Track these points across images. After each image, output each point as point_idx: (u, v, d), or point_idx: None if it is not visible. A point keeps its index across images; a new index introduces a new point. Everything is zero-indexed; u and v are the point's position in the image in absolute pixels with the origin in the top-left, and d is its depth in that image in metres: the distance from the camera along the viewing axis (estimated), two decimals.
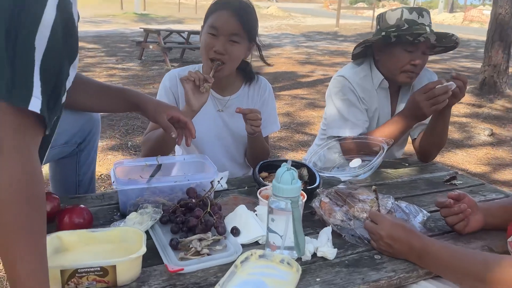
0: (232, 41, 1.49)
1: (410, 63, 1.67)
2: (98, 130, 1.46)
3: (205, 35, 1.51)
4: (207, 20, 1.52)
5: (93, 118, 1.43)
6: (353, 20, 24.51)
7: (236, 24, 1.48)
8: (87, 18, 18.69)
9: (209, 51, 1.50)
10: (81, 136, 1.40)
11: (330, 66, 9.34)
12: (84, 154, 1.42)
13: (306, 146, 4.23)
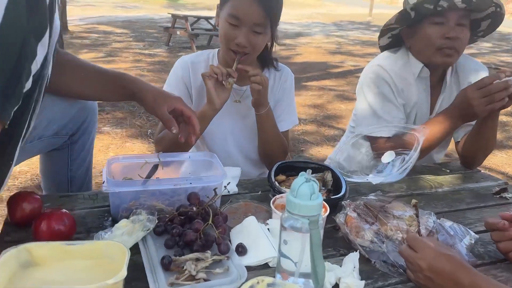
0: (255, 31, 1.31)
1: (443, 37, 1.43)
2: (94, 119, 1.31)
3: (225, 23, 1.32)
4: (225, 3, 1.33)
5: (87, 106, 1.27)
6: (387, 10, 23.71)
7: (260, 13, 1.29)
8: (118, 3, 18.80)
9: (230, 42, 1.33)
10: (73, 127, 1.25)
11: (361, 57, 8.99)
12: (77, 147, 1.27)
13: (332, 141, 4.01)
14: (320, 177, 1.25)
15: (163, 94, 1.11)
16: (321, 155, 3.68)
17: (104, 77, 1.12)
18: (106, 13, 14.68)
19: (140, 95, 1.09)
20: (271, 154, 1.52)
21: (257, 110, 1.41)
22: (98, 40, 9.22)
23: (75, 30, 10.02)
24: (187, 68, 1.47)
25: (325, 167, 1.29)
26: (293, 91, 1.59)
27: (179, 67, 1.48)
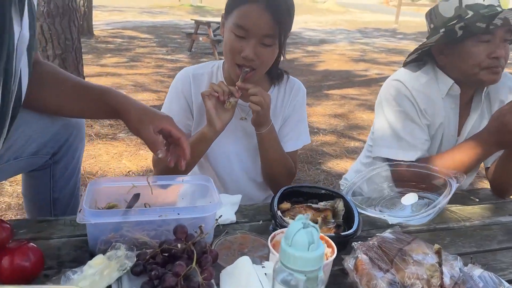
0: (264, 44, 1.18)
1: (490, 57, 1.30)
2: (79, 137, 1.20)
3: (230, 34, 1.19)
4: (231, 13, 1.20)
5: (71, 123, 1.17)
6: (413, 18, 23.26)
7: (270, 23, 1.15)
8: (145, 8, 19.07)
9: (236, 55, 1.20)
10: (55, 145, 1.15)
11: (386, 65, 8.75)
12: (60, 167, 1.17)
13: (353, 154, 3.84)
14: (331, 206, 1.11)
15: (150, 112, 0.99)
16: (340, 168, 3.52)
17: (85, 92, 1.02)
18: (132, 18, 14.87)
19: (124, 114, 0.97)
20: (274, 177, 1.39)
21: (257, 129, 1.29)
22: (122, 45, 9.29)
23: (100, 35, 10.15)
24: (188, 81, 1.35)
25: (337, 194, 1.14)
26: (305, 107, 1.45)
27: (180, 80, 1.37)
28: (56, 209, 1.20)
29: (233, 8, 1.19)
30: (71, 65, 3.83)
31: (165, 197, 1.04)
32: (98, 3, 18.14)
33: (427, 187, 1.20)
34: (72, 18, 3.72)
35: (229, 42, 1.20)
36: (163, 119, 0.99)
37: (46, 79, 1.01)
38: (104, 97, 1.00)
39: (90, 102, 1.02)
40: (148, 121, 0.96)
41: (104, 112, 1.01)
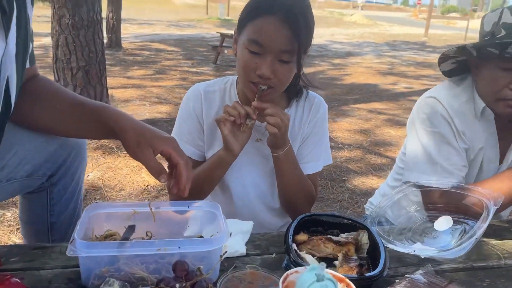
0: (282, 60, 1.07)
1: (509, 87, 1.17)
2: (80, 157, 1.13)
3: (244, 50, 1.09)
4: (244, 27, 1.09)
5: (69, 143, 1.09)
6: (443, 31, 22.82)
7: (289, 37, 1.04)
8: (173, 22, 19.43)
9: (250, 73, 1.09)
10: (52, 167, 1.08)
11: (415, 79, 8.52)
12: (57, 189, 1.10)
13: (379, 171, 3.67)
14: (354, 239, 0.99)
15: (148, 133, 0.90)
16: (366, 186, 3.36)
17: (81, 110, 0.95)
18: (160, 31, 15.15)
19: (120, 135, 0.89)
20: (291, 202, 1.28)
21: (273, 150, 1.19)
22: (149, 57, 9.43)
23: (128, 47, 10.33)
24: (199, 98, 1.26)
25: (361, 225, 1.02)
26: (326, 124, 1.34)
27: (191, 97, 1.28)
28: (54, 234, 1.13)
29: (246, 22, 1.09)
30: (94, 77, 3.85)
31: (169, 224, 0.95)
32: (128, 16, 18.61)
33: (460, 209, 1.07)
34: (97, 31, 3.75)
35: (243, 59, 1.10)
36: (163, 140, 0.89)
37: (40, 96, 0.95)
38: (100, 116, 0.92)
39: (87, 121, 0.94)
40: (147, 142, 0.87)
41: (101, 131, 0.93)
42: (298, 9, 1.05)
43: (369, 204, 1.67)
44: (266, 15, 1.04)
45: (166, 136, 0.92)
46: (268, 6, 1.04)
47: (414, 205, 1.15)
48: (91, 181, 3.09)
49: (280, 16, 1.03)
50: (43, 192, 1.09)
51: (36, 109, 0.94)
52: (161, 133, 0.92)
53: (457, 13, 41.92)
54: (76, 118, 0.95)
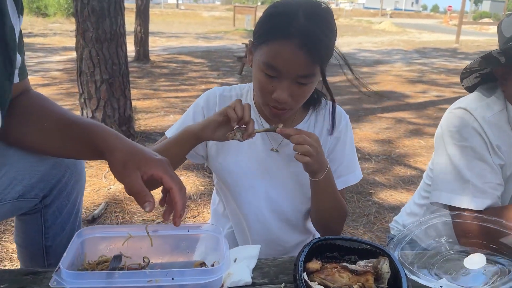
0: (299, 83, 1.00)
1: None
2: (77, 177, 1.07)
3: (259, 71, 1.02)
4: (259, 46, 1.01)
5: (63, 162, 1.03)
6: (475, 37, 22.13)
7: (307, 61, 0.96)
8: (201, 34, 19.69)
9: (266, 96, 1.03)
10: (45, 187, 1.02)
11: (446, 87, 8.22)
12: (52, 211, 1.04)
13: (408, 184, 3.50)
14: (373, 267, 0.88)
15: (138, 154, 0.81)
16: (394, 200, 3.20)
17: (69, 128, 0.88)
18: (188, 43, 15.35)
19: (107, 154, 0.82)
20: (325, 222, 1.20)
21: (312, 176, 1.09)
22: (176, 69, 9.53)
23: (156, 60, 10.49)
24: (214, 100, 1.20)
25: (381, 250, 0.92)
26: (352, 136, 1.24)
27: (205, 97, 1.21)
28: (50, 258, 1.07)
29: (262, 42, 1.01)
30: (117, 90, 3.86)
31: (168, 250, 0.87)
32: (157, 29, 19.02)
33: (498, 248, 0.94)
34: (120, 44, 3.77)
35: (259, 80, 1.03)
36: (154, 162, 0.81)
37: (29, 113, 0.90)
38: (88, 134, 0.85)
39: (74, 140, 0.88)
40: (134, 165, 0.78)
41: (89, 151, 0.86)
42: (317, 29, 0.96)
43: (394, 223, 1.54)
44: (283, 39, 0.96)
45: (157, 158, 0.83)
46: (284, 30, 0.95)
47: (446, 236, 1.02)
48: (112, 193, 3.08)
49: (297, 41, 0.94)
50: (37, 214, 1.04)
51: (24, 127, 0.89)
52: (152, 155, 0.83)
53: (490, 18, 40.65)
54: (63, 137, 0.89)
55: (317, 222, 1.23)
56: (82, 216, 2.63)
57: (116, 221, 2.70)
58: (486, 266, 0.89)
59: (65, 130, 0.89)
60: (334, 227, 1.19)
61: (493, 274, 0.84)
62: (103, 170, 3.44)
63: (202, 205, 2.97)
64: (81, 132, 0.86)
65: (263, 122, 1.18)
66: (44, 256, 1.07)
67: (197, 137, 1.05)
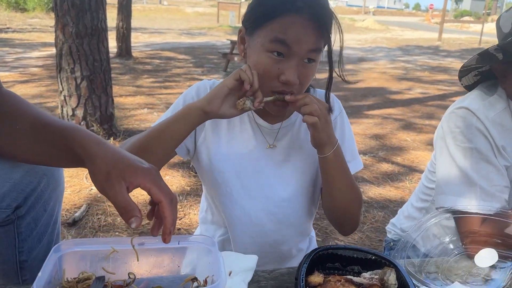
0: (309, 59, 0.96)
1: None
2: (52, 186, 0.97)
3: (263, 54, 0.95)
4: (261, 27, 0.96)
5: (38, 170, 0.93)
6: (457, 35, 22.47)
7: (316, 36, 0.94)
8: (184, 30, 19.47)
9: (273, 81, 0.97)
10: (18, 197, 0.92)
11: (430, 84, 8.29)
12: (26, 223, 0.94)
13: (397, 182, 3.48)
14: (379, 279, 0.82)
15: (123, 163, 0.71)
16: (383, 198, 3.17)
17: (44, 132, 0.79)
18: (171, 39, 15.14)
19: (87, 163, 0.72)
20: (343, 208, 1.09)
21: (320, 151, 1.02)
22: (159, 66, 9.37)
23: (138, 56, 10.30)
24: (205, 92, 1.10)
25: (386, 261, 0.85)
26: (347, 120, 1.17)
27: (196, 88, 1.13)
28: (24, 273, 0.97)
29: (264, 21, 0.95)
30: (99, 87, 3.73)
31: (155, 263, 0.79)
32: (139, 25, 18.71)
33: (504, 243, 0.89)
34: (101, 39, 3.64)
35: (262, 64, 0.96)
36: (141, 171, 0.71)
37: (0, 114, 0.80)
38: (66, 139, 0.74)
39: (50, 144, 0.78)
40: (119, 174, 0.68)
41: (67, 158, 0.76)
42: (323, 2, 0.96)
43: (391, 226, 1.49)
44: (291, 13, 0.93)
45: (144, 166, 0.72)
46: (291, 3, 0.92)
47: (449, 234, 0.97)
48: (93, 195, 2.96)
49: (307, 15, 0.92)
50: (10, 226, 0.94)
51: None
52: (139, 163, 0.73)
53: (470, 17, 41.33)
54: (37, 141, 0.79)
55: (332, 210, 1.13)
56: (62, 219, 2.50)
57: (98, 223, 2.60)
58: (499, 262, 0.83)
59: (39, 134, 0.79)
60: (351, 212, 1.09)
61: (510, 271, 0.79)
62: (84, 170, 3.31)
63: (188, 206, 2.88)
64: (57, 136, 0.76)
65: (255, 116, 1.11)
66: (18, 272, 0.97)
67: (203, 112, 0.96)
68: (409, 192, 3.31)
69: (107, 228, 2.54)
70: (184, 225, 2.64)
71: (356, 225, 1.14)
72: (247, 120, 1.12)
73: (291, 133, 1.13)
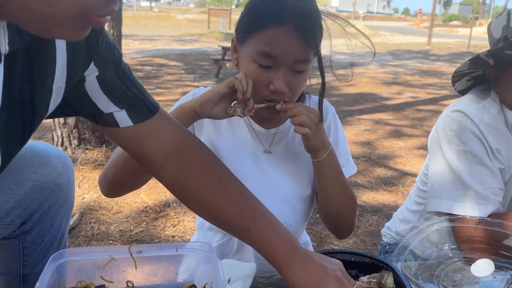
0: (295, 71, 0.96)
1: None
2: (60, 202, 0.97)
3: (252, 64, 0.96)
4: (249, 38, 0.97)
5: (45, 186, 0.93)
6: (446, 39, 22.75)
7: (303, 47, 0.94)
8: (176, 37, 19.47)
9: (262, 89, 0.98)
10: (23, 213, 0.91)
11: (420, 88, 8.36)
12: (31, 238, 0.94)
13: (390, 185, 3.50)
14: (377, 283, 0.82)
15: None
16: (376, 202, 3.18)
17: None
18: (162, 46, 15.13)
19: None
20: (337, 212, 1.10)
21: (314, 156, 1.03)
22: (151, 72, 9.35)
23: (130, 63, 10.20)
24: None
25: (384, 264, 0.86)
26: (340, 125, 1.19)
27: (191, 95, 1.13)
28: (27, 287, 0.96)
29: (251, 32, 0.96)
30: None
31: (153, 271, 0.79)
32: (130, 32, 18.69)
33: (503, 252, 0.90)
34: None
35: (252, 73, 0.97)
36: None
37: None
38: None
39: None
40: None
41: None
42: (308, 10, 0.94)
43: (386, 229, 1.49)
44: (276, 24, 0.92)
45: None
46: (276, 14, 0.92)
47: (448, 242, 0.98)
48: (86, 203, 2.94)
49: (291, 26, 0.91)
50: (15, 240, 0.93)
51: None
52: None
53: (459, 21, 41.91)
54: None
55: (327, 214, 1.14)
56: None
57: (91, 232, 2.57)
58: (495, 272, 0.84)
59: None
60: (346, 214, 1.11)
61: (507, 282, 0.80)
62: (76, 178, 3.29)
63: (183, 213, 2.87)
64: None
65: (251, 122, 1.12)
66: (21, 285, 0.96)
67: (195, 113, 0.98)
68: (402, 195, 3.32)
69: (100, 237, 2.52)
70: (178, 232, 2.63)
71: (352, 228, 1.14)
72: (244, 125, 1.13)
73: (287, 138, 1.14)
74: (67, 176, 0.98)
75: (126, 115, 0.76)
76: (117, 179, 0.96)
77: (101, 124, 0.76)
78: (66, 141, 3.68)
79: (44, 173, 0.92)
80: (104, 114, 0.75)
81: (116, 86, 0.75)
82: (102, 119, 0.75)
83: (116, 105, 0.74)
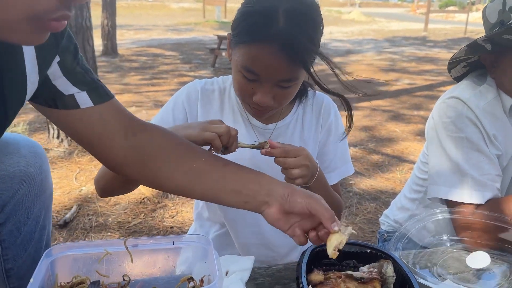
0: (281, 86, 0.93)
1: None
2: (34, 191, 0.94)
3: (238, 73, 0.94)
4: (237, 45, 0.93)
5: (15, 175, 0.90)
6: (443, 25, 22.63)
7: (288, 67, 0.90)
8: (171, 26, 19.28)
9: (246, 97, 0.96)
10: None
11: (417, 74, 8.34)
12: (8, 231, 0.91)
13: (387, 173, 3.50)
14: (377, 273, 0.82)
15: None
16: (374, 190, 3.19)
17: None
18: (157, 36, 14.99)
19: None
20: None
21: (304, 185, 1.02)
22: (146, 62, 9.28)
23: (125, 53, 10.18)
24: (196, 95, 1.11)
25: (382, 253, 0.85)
26: (341, 125, 1.17)
27: (186, 91, 1.12)
28: (12, 281, 0.95)
29: (239, 42, 0.93)
30: None
31: (149, 264, 0.78)
32: (124, 22, 18.50)
33: (502, 244, 0.89)
34: (86, 37, 3.58)
35: (238, 82, 0.96)
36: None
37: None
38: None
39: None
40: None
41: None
42: (299, 32, 0.88)
43: (384, 217, 1.49)
44: (261, 43, 0.88)
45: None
46: (263, 32, 0.88)
47: (447, 233, 0.97)
48: (84, 195, 2.93)
49: (276, 46, 0.87)
50: None
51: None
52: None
53: (455, 7, 41.65)
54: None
55: None
56: (53, 221, 2.47)
57: (89, 224, 2.57)
58: (492, 264, 0.84)
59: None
60: None
61: (504, 274, 0.79)
62: (73, 171, 3.28)
63: (181, 203, 2.86)
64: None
65: (249, 117, 1.11)
66: (6, 280, 0.94)
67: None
68: (400, 183, 3.33)
69: (98, 229, 2.52)
70: (177, 223, 2.62)
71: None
72: (241, 119, 1.11)
73: (285, 135, 1.12)
74: (38, 165, 0.96)
75: (87, 95, 0.78)
76: (108, 189, 1.00)
77: (60, 108, 0.77)
78: (62, 133, 3.65)
79: (11, 162, 0.91)
80: (65, 96, 0.77)
81: (76, 71, 0.78)
82: (63, 102, 0.77)
83: (77, 87, 0.77)
